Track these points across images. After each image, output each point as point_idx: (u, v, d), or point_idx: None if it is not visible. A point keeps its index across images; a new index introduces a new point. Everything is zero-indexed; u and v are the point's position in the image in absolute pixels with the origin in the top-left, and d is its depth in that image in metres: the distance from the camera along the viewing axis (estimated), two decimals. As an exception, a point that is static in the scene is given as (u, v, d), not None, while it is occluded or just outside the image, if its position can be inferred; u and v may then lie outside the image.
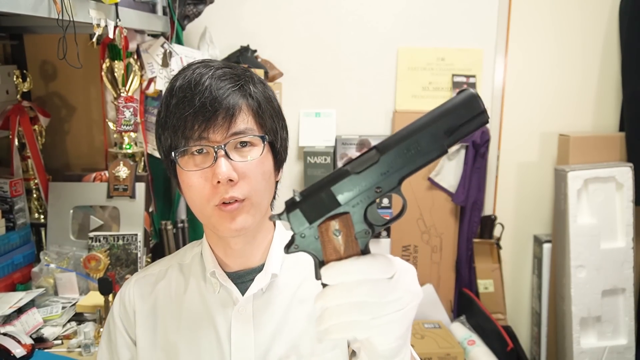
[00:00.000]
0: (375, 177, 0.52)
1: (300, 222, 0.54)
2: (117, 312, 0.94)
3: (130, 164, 1.74)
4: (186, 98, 0.79)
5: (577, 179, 2.22)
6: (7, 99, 1.77)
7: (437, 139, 0.51)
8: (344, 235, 0.53)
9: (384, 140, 0.53)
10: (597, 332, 2.27)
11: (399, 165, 0.52)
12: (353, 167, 0.52)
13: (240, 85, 0.82)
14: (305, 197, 0.53)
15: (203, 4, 1.98)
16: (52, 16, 1.20)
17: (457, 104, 0.51)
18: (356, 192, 0.53)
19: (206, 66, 0.83)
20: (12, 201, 1.66)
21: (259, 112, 0.83)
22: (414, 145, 0.52)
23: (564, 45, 2.38)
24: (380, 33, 2.32)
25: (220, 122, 0.79)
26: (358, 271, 0.53)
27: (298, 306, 0.91)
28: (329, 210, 0.53)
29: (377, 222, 0.54)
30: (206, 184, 0.79)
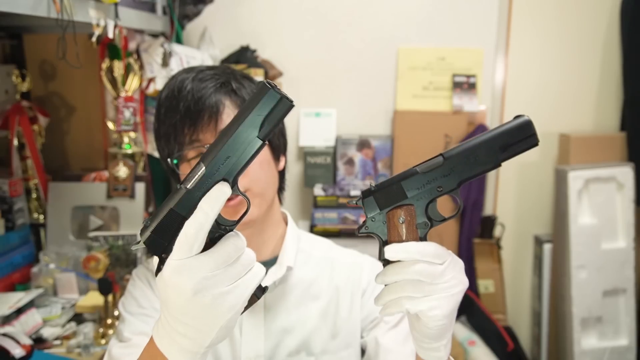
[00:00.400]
0: (439, 178, 0.62)
1: (373, 207, 0.63)
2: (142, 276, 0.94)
3: (130, 164, 1.74)
4: (172, 106, 0.82)
5: (578, 179, 2.21)
6: (6, 99, 1.77)
7: (493, 152, 0.61)
8: (407, 223, 0.62)
9: (450, 150, 0.62)
10: (598, 333, 2.26)
11: (459, 171, 0.62)
12: (421, 168, 0.63)
13: (222, 83, 0.83)
14: (379, 187, 0.63)
15: (203, 4, 1.98)
16: (52, 16, 1.19)
17: (513, 126, 0.61)
18: (421, 188, 0.62)
19: (188, 71, 0.85)
20: (11, 201, 1.66)
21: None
22: (473, 156, 0.61)
23: (564, 45, 2.37)
24: (380, 33, 2.32)
25: (207, 121, 0.80)
26: (416, 251, 0.61)
27: (310, 302, 0.91)
28: (397, 201, 0.62)
29: (435, 218, 0.64)
30: None
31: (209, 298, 0.55)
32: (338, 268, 0.97)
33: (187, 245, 0.55)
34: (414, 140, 2.31)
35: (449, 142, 2.30)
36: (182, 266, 0.55)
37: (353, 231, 2.23)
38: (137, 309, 0.90)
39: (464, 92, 2.30)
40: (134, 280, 0.94)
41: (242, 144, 0.56)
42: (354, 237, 2.23)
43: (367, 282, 0.98)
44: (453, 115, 2.30)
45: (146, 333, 0.86)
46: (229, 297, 0.56)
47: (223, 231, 0.59)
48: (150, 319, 0.89)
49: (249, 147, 0.57)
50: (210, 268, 0.55)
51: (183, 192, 0.58)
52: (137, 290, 0.92)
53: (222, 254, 0.56)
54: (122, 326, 0.89)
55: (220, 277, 0.56)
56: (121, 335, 0.87)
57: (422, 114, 2.32)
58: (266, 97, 0.55)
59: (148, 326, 0.87)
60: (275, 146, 0.89)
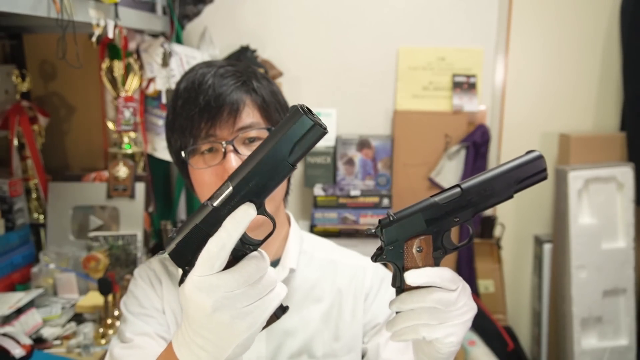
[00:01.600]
0: (456, 210, 0.64)
1: (391, 237, 0.64)
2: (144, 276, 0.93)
3: (130, 164, 1.74)
4: (191, 98, 0.81)
5: (578, 179, 2.21)
6: (6, 99, 1.77)
7: (508, 186, 0.64)
8: (424, 252, 0.64)
9: (466, 181, 0.65)
10: (598, 333, 2.26)
11: (475, 202, 0.64)
12: (441, 200, 0.64)
13: (243, 81, 0.83)
14: (398, 218, 0.64)
15: (203, 4, 1.98)
16: (52, 16, 1.19)
17: (527, 161, 0.64)
18: (439, 219, 0.64)
19: (209, 66, 0.84)
20: (11, 201, 1.66)
21: (264, 106, 0.83)
22: (490, 189, 0.64)
23: (564, 45, 2.37)
24: (380, 33, 2.32)
25: (226, 118, 0.80)
26: (436, 276, 0.63)
27: (312, 305, 0.91)
28: (416, 231, 0.64)
29: (449, 246, 0.66)
30: (217, 181, 0.80)
31: (228, 317, 0.55)
32: (341, 270, 0.96)
33: (209, 262, 0.56)
34: (414, 140, 2.31)
35: (449, 142, 2.30)
36: (203, 283, 0.56)
37: (353, 231, 2.23)
38: (139, 309, 0.89)
39: (464, 92, 2.30)
40: (135, 280, 0.93)
41: (272, 167, 0.56)
42: (354, 237, 2.23)
43: (370, 286, 0.97)
44: (453, 115, 2.30)
45: (148, 334, 0.85)
46: (247, 317, 0.56)
47: (247, 250, 0.59)
48: (152, 319, 0.88)
49: (277, 171, 0.56)
50: (231, 287, 0.55)
51: (209, 210, 0.58)
52: (139, 290, 0.91)
53: (243, 273, 0.56)
54: (123, 326, 0.88)
55: (240, 297, 0.56)
56: (123, 336, 0.87)
57: (422, 114, 2.32)
58: (299, 122, 0.54)
59: (150, 327, 0.87)
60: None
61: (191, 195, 2.02)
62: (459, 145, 2.28)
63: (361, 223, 2.20)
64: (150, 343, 0.84)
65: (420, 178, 2.32)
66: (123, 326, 0.89)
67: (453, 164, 2.31)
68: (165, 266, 0.93)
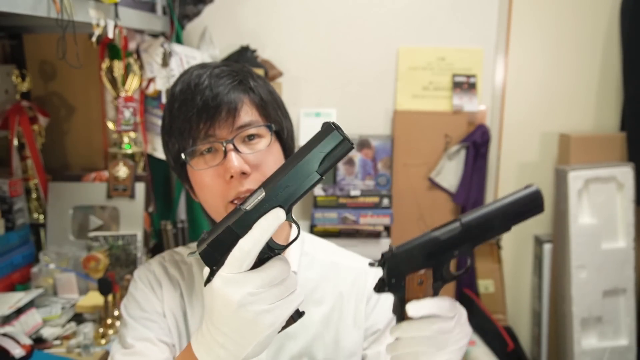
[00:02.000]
0: (456, 244, 0.66)
1: (393, 271, 0.68)
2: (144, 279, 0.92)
3: (130, 164, 1.74)
4: (188, 100, 0.80)
5: (578, 179, 2.21)
6: (6, 99, 1.77)
7: (507, 220, 0.66)
8: (424, 285, 0.67)
9: (467, 215, 0.67)
10: (598, 333, 2.26)
11: (474, 237, 0.66)
12: (442, 235, 0.67)
13: (240, 81, 0.82)
14: (400, 252, 0.68)
15: (203, 4, 1.98)
16: (52, 16, 1.19)
17: (525, 196, 0.66)
18: (439, 254, 0.67)
19: (203, 67, 0.84)
20: (11, 201, 1.66)
21: (262, 104, 0.83)
22: (489, 224, 0.66)
23: (564, 45, 2.37)
24: (380, 33, 2.32)
25: (224, 117, 0.79)
26: (436, 307, 0.66)
27: (313, 308, 0.90)
28: (418, 265, 0.67)
29: (448, 276, 0.69)
30: (219, 181, 0.79)
31: (252, 313, 0.59)
32: (343, 273, 0.95)
33: (239, 261, 0.60)
34: (414, 140, 2.31)
35: (449, 142, 2.30)
36: (232, 280, 0.59)
37: (353, 231, 2.23)
38: (140, 312, 0.88)
39: (464, 92, 2.30)
40: (135, 283, 0.92)
41: (302, 176, 0.61)
42: (354, 237, 2.23)
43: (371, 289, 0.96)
44: (453, 115, 2.30)
45: (149, 339, 0.85)
46: (269, 315, 0.60)
47: (272, 253, 0.63)
48: (153, 324, 0.87)
49: (307, 180, 0.62)
50: (257, 285, 0.59)
51: (241, 213, 0.62)
52: (139, 293, 0.90)
53: (269, 274, 0.60)
54: (124, 330, 0.87)
55: (264, 296, 0.60)
56: (124, 341, 0.86)
57: (422, 114, 2.32)
58: (330, 136, 0.61)
59: (151, 332, 0.86)
60: (288, 147, 0.89)
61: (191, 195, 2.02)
62: (459, 145, 2.28)
63: (361, 223, 2.20)
64: (152, 349, 0.84)
65: (420, 178, 2.32)
66: (124, 330, 0.88)
67: (453, 164, 2.31)
68: (165, 268, 0.93)
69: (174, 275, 0.92)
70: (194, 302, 0.90)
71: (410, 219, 2.33)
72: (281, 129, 0.86)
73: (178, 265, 0.93)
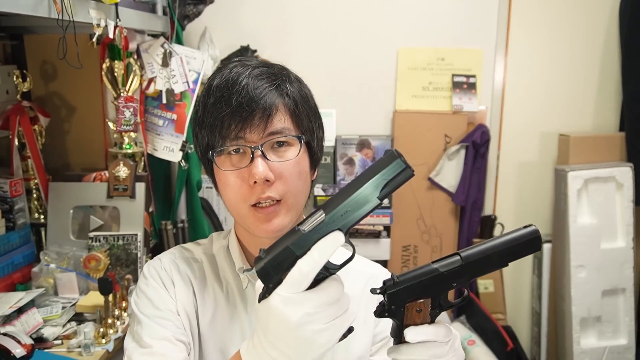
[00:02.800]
0: (455, 277, 0.69)
1: (394, 299, 0.70)
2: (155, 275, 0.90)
3: (130, 164, 1.74)
4: (223, 97, 0.80)
5: (577, 179, 2.22)
6: (7, 99, 1.77)
7: (505, 257, 0.68)
8: (422, 312, 0.70)
9: (467, 250, 0.69)
10: (597, 332, 2.27)
11: (473, 271, 0.69)
12: (442, 268, 0.69)
13: (277, 85, 0.82)
14: (402, 282, 0.70)
15: (203, 4, 1.98)
16: (52, 16, 1.20)
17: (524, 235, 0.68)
18: (438, 285, 0.70)
19: (243, 65, 0.83)
20: (12, 201, 1.66)
21: (296, 111, 0.83)
22: (488, 260, 0.69)
23: (564, 45, 2.38)
24: (380, 33, 2.32)
25: (257, 122, 0.79)
26: (432, 334, 0.69)
27: None
28: (417, 295, 0.70)
29: (445, 305, 0.72)
30: (243, 184, 0.79)
31: (309, 332, 0.61)
32: (352, 277, 0.93)
33: (297, 281, 0.62)
34: (414, 140, 2.31)
35: (448, 142, 2.31)
36: (291, 300, 0.61)
37: (353, 231, 2.24)
38: (154, 310, 0.87)
39: (463, 92, 2.31)
40: (146, 279, 0.90)
41: (363, 201, 0.64)
42: (354, 237, 2.23)
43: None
44: (453, 115, 2.31)
45: (167, 338, 0.84)
46: (325, 333, 0.62)
47: (327, 273, 0.65)
48: (168, 322, 0.86)
49: (367, 204, 0.64)
50: (315, 305, 0.61)
51: (300, 234, 0.64)
52: (151, 290, 0.89)
53: (326, 294, 0.62)
54: (139, 329, 0.86)
55: (321, 315, 0.62)
56: (140, 340, 0.84)
57: (422, 114, 2.32)
58: (394, 164, 0.64)
59: (168, 330, 0.85)
60: (315, 158, 0.88)
61: (191, 195, 2.02)
62: (458, 145, 2.29)
63: (361, 223, 2.20)
64: (171, 349, 0.83)
65: (420, 178, 2.33)
66: (138, 329, 0.86)
67: (453, 164, 2.31)
68: (176, 265, 0.91)
69: (185, 273, 0.91)
70: (205, 299, 0.90)
71: (410, 219, 2.33)
72: (312, 139, 0.86)
73: (189, 262, 0.93)
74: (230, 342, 0.88)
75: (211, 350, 0.88)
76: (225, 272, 0.91)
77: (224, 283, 0.90)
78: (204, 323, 0.89)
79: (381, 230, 2.24)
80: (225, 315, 0.88)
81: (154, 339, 0.84)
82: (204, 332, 0.88)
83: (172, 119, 1.85)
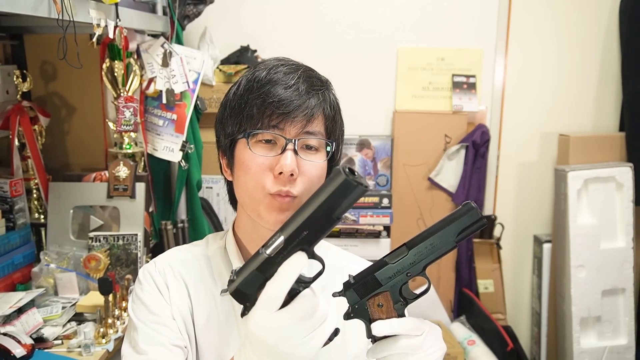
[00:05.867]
0: (406, 266, 0.71)
1: (354, 298, 0.73)
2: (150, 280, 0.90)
3: (130, 164, 1.74)
4: (276, 83, 0.81)
5: (577, 179, 2.22)
6: (7, 99, 1.77)
7: (449, 238, 0.69)
8: (385, 307, 0.72)
9: (412, 240, 0.71)
10: (597, 332, 2.27)
11: (421, 257, 0.70)
12: (390, 259, 0.72)
13: (323, 91, 0.84)
14: (356, 280, 0.73)
15: (203, 4, 1.98)
16: (52, 16, 1.20)
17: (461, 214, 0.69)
18: (393, 276, 0.72)
19: (293, 63, 0.85)
20: (12, 201, 1.66)
21: (332, 121, 0.86)
22: (432, 244, 0.70)
23: (564, 45, 2.38)
24: (380, 33, 2.32)
25: (300, 118, 0.80)
26: (399, 326, 0.70)
27: None
28: (374, 290, 0.72)
29: (409, 296, 0.73)
30: (267, 172, 0.80)
31: (288, 348, 0.64)
32: (345, 276, 0.95)
33: (268, 304, 0.64)
34: (414, 140, 2.31)
35: (448, 142, 2.31)
36: (264, 322, 0.64)
37: (353, 231, 2.24)
38: (149, 316, 0.87)
39: (463, 92, 2.31)
40: (141, 285, 0.91)
41: (318, 221, 0.65)
42: (354, 237, 2.24)
43: None
44: (453, 115, 2.31)
45: (163, 344, 0.84)
46: (304, 347, 0.65)
47: (300, 287, 0.67)
48: (164, 327, 0.86)
49: (324, 224, 0.65)
50: (289, 323, 0.64)
51: (264, 258, 0.66)
52: (146, 295, 0.89)
53: (298, 311, 0.64)
54: (135, 335, 0.86)
55: (297, 331, 0.64)
56: (137, 346, 0.85)
57: (422, 114, 2.32)
58: (342, 183, 0.63)
59: (163, 336, 0.85)
60: (331, 167, 0.89)
61: (191, 195, 2.02)
62: (458, 145, 2.29)
63: (361, 223, 2.20)
64: (166, 354, 0.83)
65: (420, 178, 2.33)
66: (135, 335, 0.86)
67: (453, 164, 2.32)
68: (171, 268, 0.91)
69: (180, 276, 0.91)
70: (201, 301, 0.90)
71: (410, 219, 2.34)
72: (337, 151, 0.88)
73: (184, 265, 0.92)
74: (226, 344, 0.88)
75: (208, 353, 0.88)
76: (222, 274, 0.91)
77: (220, 285, 0.90)
78: (200, 326, 0.89)
79: (381, 230, 2.25)
80: (221, 317, 0.88)
81: (149, 345, 0.84)
82: (200, 335, 0.88)
83: (172, 119, 1.85)
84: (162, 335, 0.85)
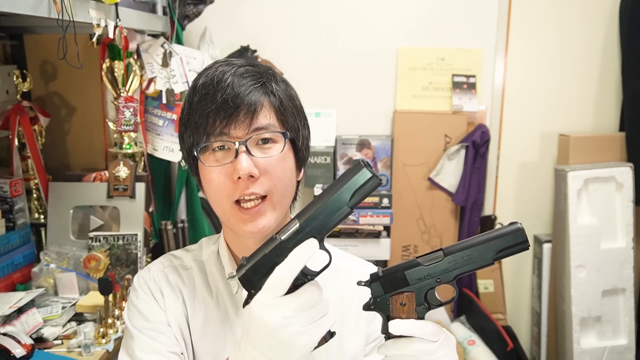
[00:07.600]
0: (438, 272, 0.70)
1: (378, 290, 0.72)
2: (144, 287, 0.90)
3: (130, 164, 1.74)
4: (208, 95, 0.80)
5: (577, 179, 2.22)
6: (7, 99, 1.77)
7: (488, 254, 0.69)
8: (407, 307, 0.71)
9: (450, 247, 0.70)
10: (597, 332, 2.27)
11: (456, 266, 0.70)
12: (424, 261, 0.71)
13: (262, 83, 0.82)
14: (385, 274, 0.72)
15: (203, 4, 1.98)
16: (52, 16, 1.20)
17: (507, 232, 0.69)
18: (422, 279, 0.71)
19: (229, 64, 0.83)
20: (12, 201, 1.67)
21: (281, 109, 0.83)
22: (470, 255, 0.69)
23: (564, 45, 2.38)
24: (380, 33, 2.32)
25: (242, 118, 0.79)
26: (416, 329, 0.69)
27: None
28: (400, 287, 0.71)
29: (433, 302, 0.72)
30: (227, 180, 0.79)
31: (287, 335, 0.64)
32: (345, 277, 0.94)
33: (275, 287, 0.65)
34: (414, 140, 2.31)
35: (448, 142, 2.31)
36: (269, 304, 0.65)
37: (353, 231, 2.23)
38: (144, 323, 0.87)
39: (463, 92, 2.31)
40: (136, 292, 0.90)
41: (333, 209, 0.67)
42: (354, 237, 2.23)
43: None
44: (453, 115, 2.31)
45: (158, 352, 0.84)
46: (302, 336, 0.65)
47: (305, 279, 0.68)
48: (160, 334, 0.86)
49: (338, 212, 0.67)
50: (292, 309, 0.64)
51: (277, 242, 0.67)
52: (141, 303, 0.89)
53: (302, 299, 0.65)
54: (131, 343, 0.86)
55: (298, 319, 0.64)
56: (133, 354, 0.85)
57: (422, 114, 2.32)
58: (360, 173, 0.67)
59: (159, 343, 0.85)
60: (301, 156, 0.88)
61: (191, 195, 2.02)
62: (458, 145, 2.29)
63: (361, 223, 2.20)
64: None
65: (420, 178, 2.33)
66: (131, 343, 0.86)
67: (453, 164, 2.31)
68: (165, 275, 0.91)
69: (174, 282, 0.91)
70: (195, 307, 0.89)
71: (410, 219, 2.33)
72: (297, 137, 0.86)
73: (178, 271, 0.92)
74: (222, 348, 0.87)
75: (204, 358, 0.88)
76: (215, 279, 0.91)
77: (214, 290, 0.90)
78: (195, 331, 0.89)
79: (381, 230, 2.24)
80: (216, 322, 0.88)
81: (146, 353, 0.84)
82: (196, 340, 0.88)
83: (172, 119, 1.85)
84: (158, 342, 0.85)
